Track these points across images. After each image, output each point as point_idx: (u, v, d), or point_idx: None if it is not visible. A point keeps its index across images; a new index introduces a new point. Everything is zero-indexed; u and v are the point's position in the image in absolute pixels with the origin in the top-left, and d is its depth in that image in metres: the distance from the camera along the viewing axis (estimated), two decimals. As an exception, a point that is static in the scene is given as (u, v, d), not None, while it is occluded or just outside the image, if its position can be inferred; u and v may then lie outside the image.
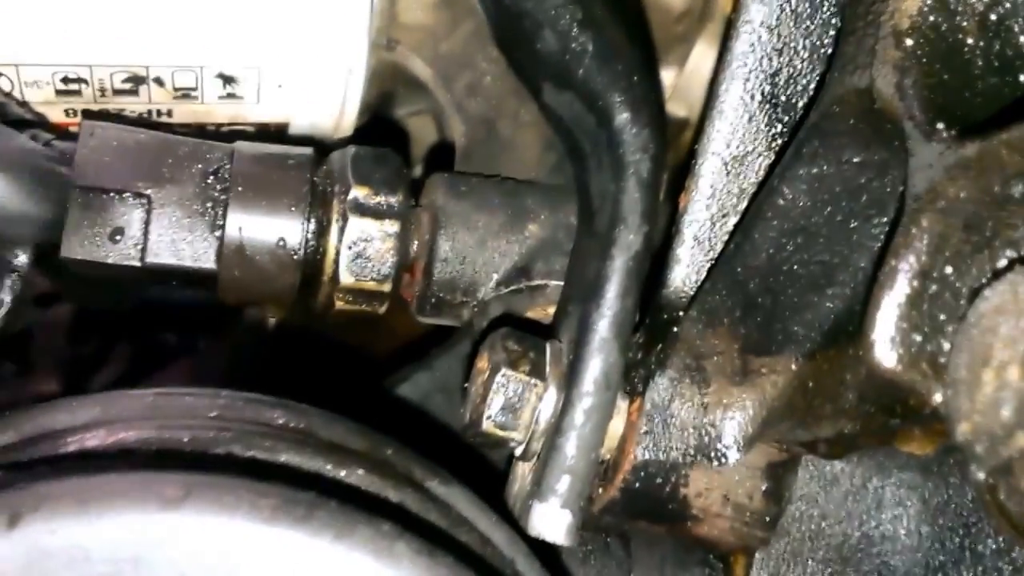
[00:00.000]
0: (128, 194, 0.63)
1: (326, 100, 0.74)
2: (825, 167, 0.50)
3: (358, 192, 0.67)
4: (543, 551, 0.58)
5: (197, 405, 0.51)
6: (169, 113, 0.73)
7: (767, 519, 0.58)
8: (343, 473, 0.48)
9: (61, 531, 0.40)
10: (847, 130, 0.49)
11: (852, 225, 0.51)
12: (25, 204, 0.62)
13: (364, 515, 0.43)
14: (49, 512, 0.40)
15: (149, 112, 0.73)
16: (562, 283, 0.66)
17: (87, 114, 0.72)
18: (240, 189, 0.65)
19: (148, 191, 0.64)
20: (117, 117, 0.72)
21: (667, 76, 0.77)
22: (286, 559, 0.41)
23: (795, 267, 0.53)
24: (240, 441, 0.48)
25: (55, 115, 0.72)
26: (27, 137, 0.66)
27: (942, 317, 0.40)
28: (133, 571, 0.40)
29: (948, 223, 0.40)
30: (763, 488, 0.58)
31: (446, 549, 0.44)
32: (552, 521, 0.56)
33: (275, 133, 0.77)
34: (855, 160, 0.49)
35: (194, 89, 0.72)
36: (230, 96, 0.73)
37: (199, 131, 0.74)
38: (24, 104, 0.69)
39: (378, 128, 0.82)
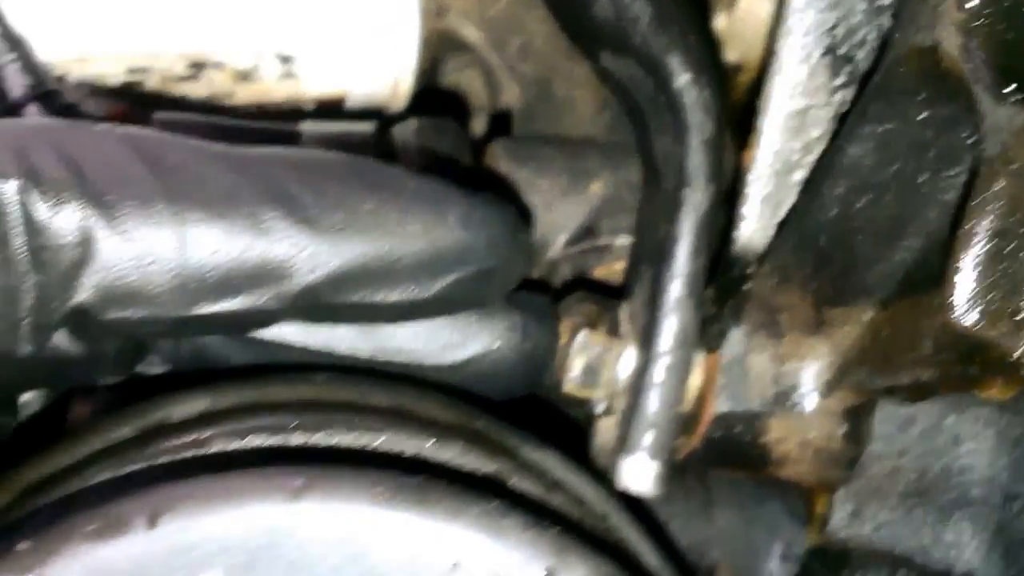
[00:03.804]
0: (203, 183, 0.65)
1: (381, 71, 0.76)
2: (891, 125, 0.51)
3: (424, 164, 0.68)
4: (628, 499, 0.60)
5: (298, 390, 0.54)
6: (230, 96, 0.75)
7: (846, 460, 0.60)
8: (444, 450, 0.50)
9: (197, 527, 0.43)
10: (912, 89, 0.49)
11: (921, 179, 0.52)
12: None
13: (472, 494, 0.45)
14: (186, 511, 0.43)
15: (211, 96, 0.75)
16: (629, 238, 0.68)
17: (152, 102, 0.73)
18: (309, 170, 0.67)
19: (222, 179, 0.66)
20: (180, 103, 0.74)
21: (717, 22, 0.77)
22: (403, 540, 0.44)
23: (865, 222, 0.55)
24: (344, 424, 0.50)
25: (122, 104, 0.73)
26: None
27: (1021, 275, 0.42)
28: (266, 558, 0.43)
29: (1022, 185, 0.41)
30: (842, 431, 0.60)
31: (549, 520, 0.46)
32: (640, 474, 0.58)
33: (332, 107, 0.78)
34: (921, 117, 0.50)
35: (253, 71, 0.73)
36: (288, 75, 0.74)
37: (259, 111, 0.76)
38: (91, 99, 0.71)
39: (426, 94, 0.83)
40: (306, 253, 0.49)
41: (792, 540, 0.67)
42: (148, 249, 0.47)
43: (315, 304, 0.50)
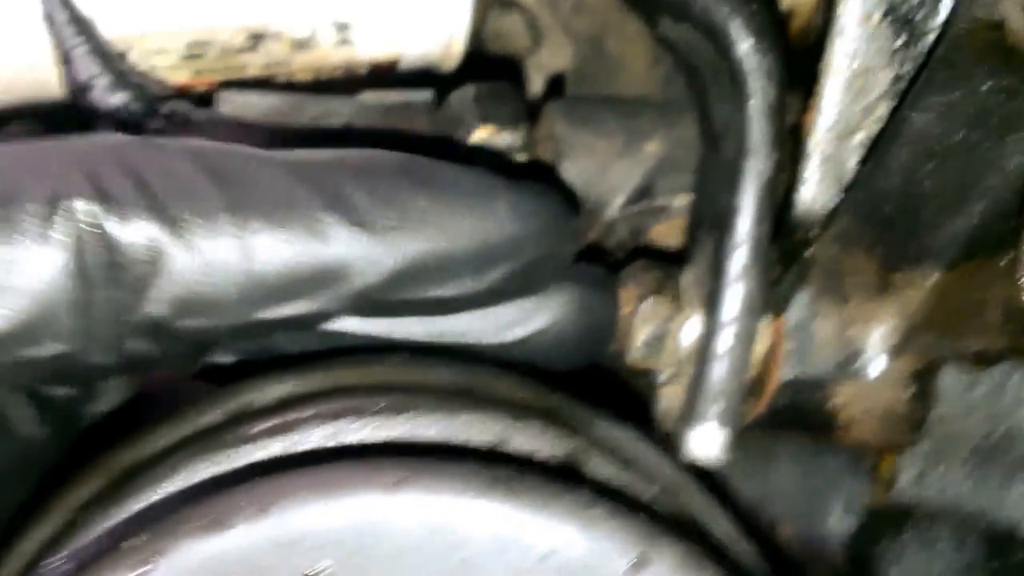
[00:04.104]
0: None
1: (436, 32, 0.76)
2: (956, 94, 0.51)
3: (483, 132, 0.69)
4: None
5: (376, 372, 0.56)
6: (287, 64, 0.76)
7: (912, 423, 0.61)
8: (524, 432, 0.52)
9: (304, 520, 0.44)
10: (977, 61, 0.50)
11: (985, 146, 0.53)
12: None
13: (560, 484, 0.47)
14: (292, 504, 0.44)
15: (267, 65, 0.75)
16: (686, 197, 0.69)
17: (211, 75, 0.74)
18: (369, 142, 0.67)
19: (284, 155, 0.67)
20: (238, 73, 0.75)
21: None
22: (496, 531, 0.45)
23: (930, 188, 0.55)
24: (426, 407, 0.52)
25: (181, 78, 0.74)
26: (167, 111, 0.68)
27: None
28: (367, 548, 0.45)
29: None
30: (907, 395, 0.61)
31: (633, 505, 0.47)
32: (707, 444, 0.59)
33: (386, 70, 0.78)
34: (986, 87, 0.50)
35: (310, 39, 0.74)
36: (344, 42, 0.75)
37: (316, 80, 0.77)
38: (153, 81, 0.72)
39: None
40: (362, 254, 0.50)
41: (853, 494, 0.68)
42: (214, 260, 0.48)
43: (372, 302, 0.52)
